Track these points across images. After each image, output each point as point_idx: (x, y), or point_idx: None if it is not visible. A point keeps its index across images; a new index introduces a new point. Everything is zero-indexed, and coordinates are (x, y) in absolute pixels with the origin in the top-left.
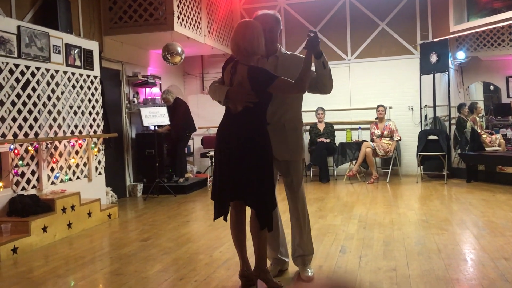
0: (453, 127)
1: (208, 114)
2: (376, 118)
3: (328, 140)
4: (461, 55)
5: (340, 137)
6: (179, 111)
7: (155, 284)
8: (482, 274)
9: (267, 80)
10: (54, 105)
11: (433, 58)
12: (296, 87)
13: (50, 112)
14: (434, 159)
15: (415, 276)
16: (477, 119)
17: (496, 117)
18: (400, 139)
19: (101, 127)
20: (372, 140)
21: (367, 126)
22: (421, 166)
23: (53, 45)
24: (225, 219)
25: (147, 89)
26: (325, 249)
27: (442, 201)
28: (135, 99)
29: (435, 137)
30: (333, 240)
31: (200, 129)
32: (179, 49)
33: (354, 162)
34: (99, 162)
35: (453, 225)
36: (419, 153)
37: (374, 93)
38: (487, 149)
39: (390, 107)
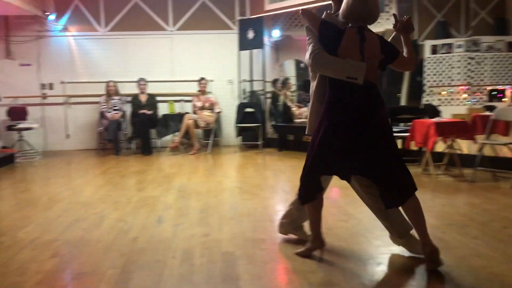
0: (268, 101)
1: (16, 82)
2: (199, 91)
3: (150, 112)
4: (276, 33)
5: (163, 109)
6: None
7: None
8: None
9: (396, 53)
10: None
11: (250, 34)
12: (413, 65)
13: None
14: (251, 130)
15: (225, 239)
16: (288, 93)
17: (305, 92)
18: (221, 112)
19: None
20: (194, 112)
21: (190, 98)
22: (240, 137)
23: None
24: (314, 198)
25: None
26: (142, 220)
27: (256, 168)
28: None
29: (252, 110)
30: (150, 211)
31: (6, 99)
32: None
33: (176, 133)
34: None
35: (264, 190)
36: (237, 125)
37: (196, 66)
38: (296, 120)
39: (212, 80)
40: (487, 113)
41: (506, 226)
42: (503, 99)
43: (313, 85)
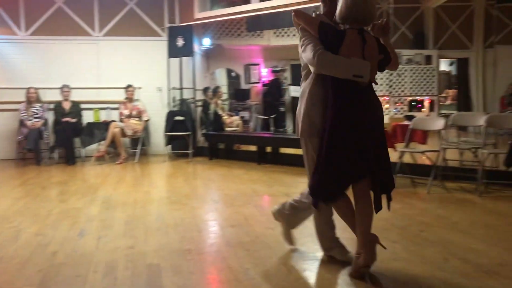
0: (199, 109)
1: None
2: (126, 98)
3: (74, 120)
4: (206, 42)
5: (88, 117)
6: None
7: None
8: (211, 242)
9: (389, 54)
10: None
11: (180, 42)
12: (398, 64)
13: None
14: (181, 138)
15: (151, 251)
16: (219, 102)
17: (236, 100)
18: (149, 120)
19: None
20: (121, 120)
21: (116, 106)
22: (170, 146)
23: None
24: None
25: None
26: (62, 234)
27: (185, 178)
28: None
29: (182, 118)
30: (72, 224)
31: None
32: None
33: (102, 142)
34: None
35: (193, 200)
36: (166, 133)
37: (123, 72)
38: (227, 129)
39: (140, 88)
40: (407, 122)
41: (423, 230)
42: (422, 109)
43: (304, 85)
